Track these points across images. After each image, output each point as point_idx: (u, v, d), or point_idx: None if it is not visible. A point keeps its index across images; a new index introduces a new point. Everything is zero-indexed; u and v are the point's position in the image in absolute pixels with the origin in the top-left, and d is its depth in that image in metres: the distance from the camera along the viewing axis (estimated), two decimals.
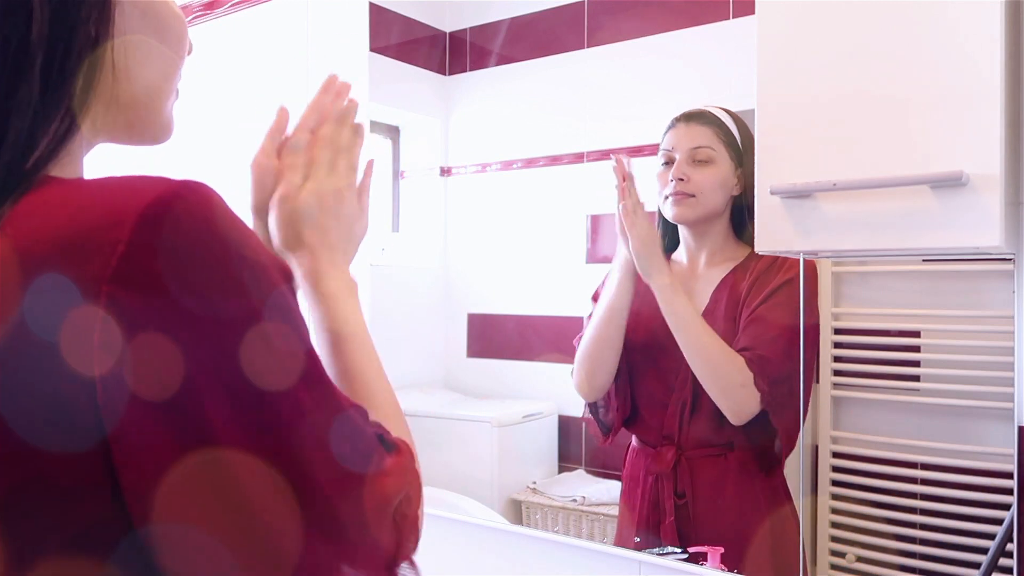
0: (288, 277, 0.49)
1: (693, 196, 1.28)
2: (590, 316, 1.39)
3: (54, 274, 0.42)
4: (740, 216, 1.27)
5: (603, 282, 1.39)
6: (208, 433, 0.42)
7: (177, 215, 0.43)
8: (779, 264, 1.21)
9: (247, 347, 0.44)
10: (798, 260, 1.15)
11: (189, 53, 0.61)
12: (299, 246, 0.67)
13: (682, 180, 1.28)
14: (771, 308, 1.21)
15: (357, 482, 0.49)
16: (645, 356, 1.34)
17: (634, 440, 1.36)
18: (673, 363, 1.27)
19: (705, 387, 1.23)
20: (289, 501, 0.45)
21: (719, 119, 1.28)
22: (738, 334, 1.23)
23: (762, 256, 1.23)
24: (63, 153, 0.51)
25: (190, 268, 0.43)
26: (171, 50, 0.58)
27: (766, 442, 1.23)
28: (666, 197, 1.30)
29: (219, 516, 0.44)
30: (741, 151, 1.26)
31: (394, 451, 0.53)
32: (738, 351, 1.21)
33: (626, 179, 1.28)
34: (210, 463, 0.43)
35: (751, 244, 1.26)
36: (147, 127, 0.59)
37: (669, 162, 1.30)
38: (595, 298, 1.40)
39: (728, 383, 1.22)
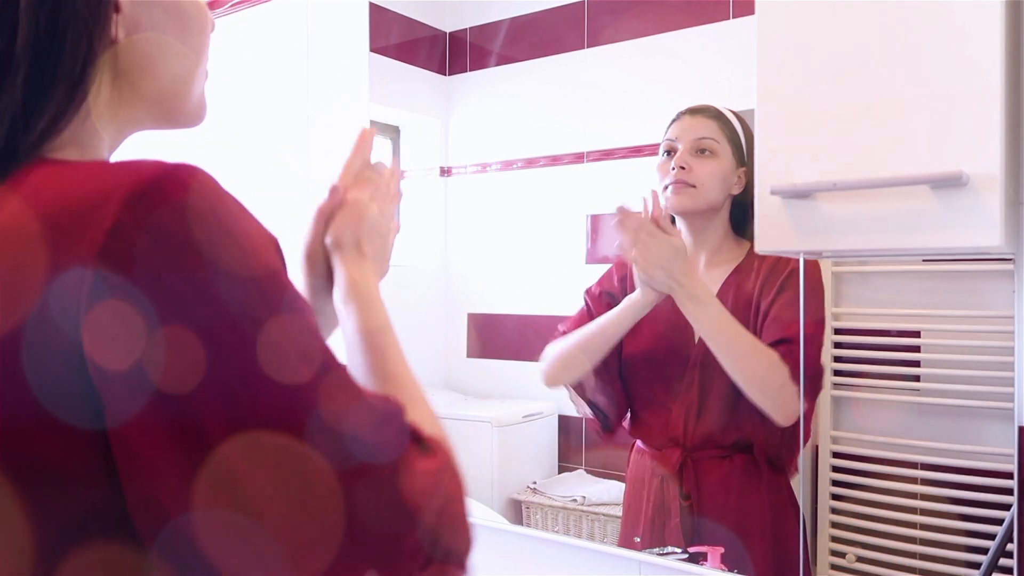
0: (283, 258, 0.49)
1: (693, 187, 1.27)
2: (585, 310, 1.38)
3: (44, 250, 0.42)
4: (741, 214, 1.26)
5: (600, 279, 1.39)
6: (199, 420, 0.41)
7: (167, 194, 0.43)
8: (784, 260, 1.20)
9: (240, 332, 0.42)
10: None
11: (212, 30, 0.63)
12: (352, 248, 0.71)
13: (683, 168, 1.27)
14: (789, 303, 1.18)
15: (378, 476, 0.46)
16: (646, 360, 1.33)
17: (638, 441, 1.36)
18: (677, 367, 1.27)
19: (747, 393, 1.18)
20: (295, 495, 0.42)
21: (724, 115, 1.28)
22: (760, 334, 1.20)
23: (764, 255, 1.22)
24: (66, 140, 0.52)
25: (178, 247, 0.42)
26: (195, 37, 0.61)
27: (775, 440, 1.20)
28: (666, 187, 1.29)
29: (222, 511, 0.41)
30: (744, 150, 1.26)
31: (429, 452, 0.50)
32: (770, 346, 1.18)
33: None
34: (202, 451, 0.41)
35: (751, 241, 1.27)
36: (180, 114, 0.61)
37: (671, 152, 1.29)
38: (589, 292, 1.39)
39: (768, 385, 1.17)
